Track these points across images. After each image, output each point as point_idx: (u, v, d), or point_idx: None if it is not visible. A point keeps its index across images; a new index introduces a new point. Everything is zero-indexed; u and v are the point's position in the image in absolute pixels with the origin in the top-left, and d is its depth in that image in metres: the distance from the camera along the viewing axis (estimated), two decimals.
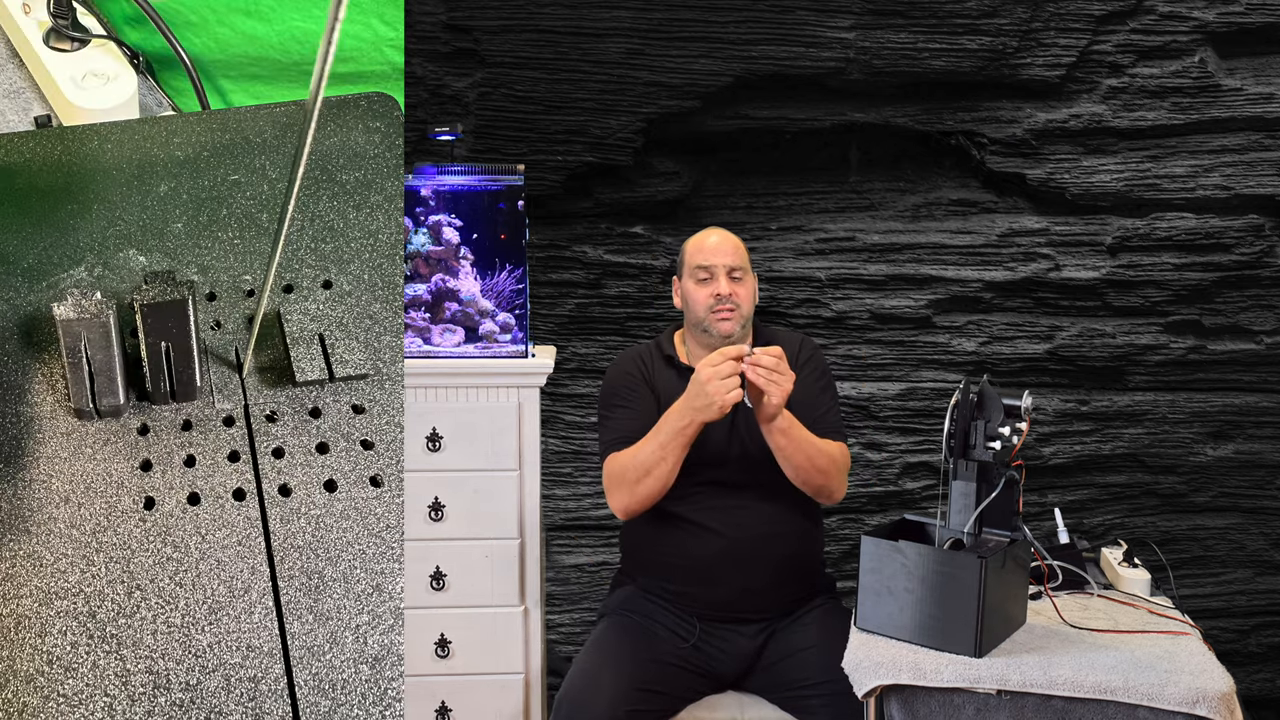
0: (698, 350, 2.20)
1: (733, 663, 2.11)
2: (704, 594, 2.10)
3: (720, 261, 2.14)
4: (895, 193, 3.08)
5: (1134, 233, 2.98)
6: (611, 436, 2.15)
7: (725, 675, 2.12)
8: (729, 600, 2.10)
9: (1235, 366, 3.06)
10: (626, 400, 2.17)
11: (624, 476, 2.07)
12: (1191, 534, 3.12)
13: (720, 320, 2.13)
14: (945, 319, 3.03)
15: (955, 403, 1.85)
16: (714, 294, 2.13)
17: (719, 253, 2.15)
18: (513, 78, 2.86)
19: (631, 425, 2.13)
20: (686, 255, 2.19)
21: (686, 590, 2.12)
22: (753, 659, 2.11)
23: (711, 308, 2.13)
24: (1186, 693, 1.61)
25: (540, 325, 2.99)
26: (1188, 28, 2.91)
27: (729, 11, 2.84)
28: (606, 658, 2.04)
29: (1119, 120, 2.94)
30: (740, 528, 2.09)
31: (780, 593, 2.13)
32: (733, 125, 2.96)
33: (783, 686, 2.06)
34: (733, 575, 2.09)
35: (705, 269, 2.14)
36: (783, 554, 2.12)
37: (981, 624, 1.71)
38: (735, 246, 2.18)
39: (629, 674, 1.99)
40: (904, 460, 3.06)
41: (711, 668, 2.10)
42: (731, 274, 2.14)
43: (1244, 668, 3.14)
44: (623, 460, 2.09)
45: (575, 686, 1.99)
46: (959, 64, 2.90)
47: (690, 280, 2.17)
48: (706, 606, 2.11)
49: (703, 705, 2.09)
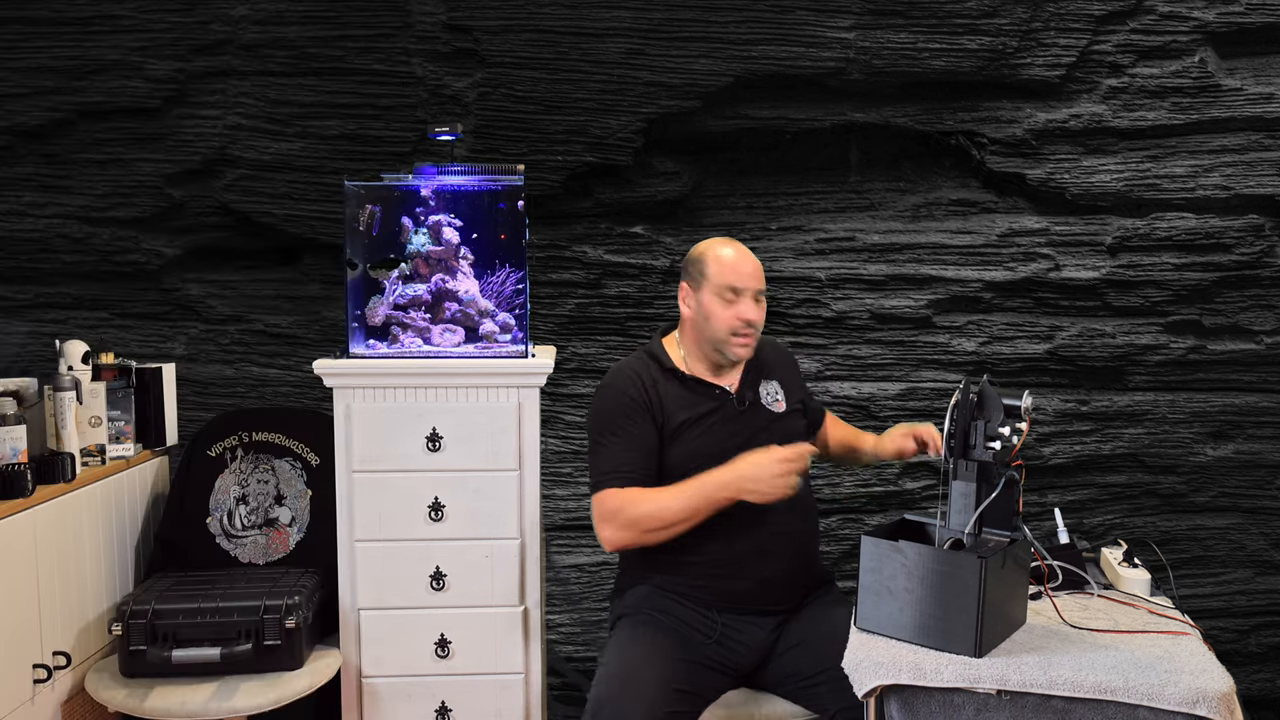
0: (699, 360, 2.20)
1: (750, 655, 2.12)
2: (727, 586, 2.11)
3: (752, 286, 2.14)
4: (895, 193, 3.08)
5: (1134, 233, 2.98)
6: (608, 468, 2.09)
7: (743, 668, 2.13)
8: (749, 592, 2.11)
9: (1235, 366, 3.06)
10: (623, 429, 2.11)
11: (634, 521, 2.04)
12: (1191, 534, 3.12)
13: (740, 345, 2.14)
14: (945, 319, 3.03)
15: (955, 403, 1.86)
16: (740, 318, 2.12)
17: (752, 277, 2.14)
18: (513, 78, 2.86)
19: (628, 459, 2.08)
20: (710, 270, 2.14)
21: (708, 584, 2.11)
22: (767, 650, 2.13)
23: (736, 331, 2.12)
24: (1186, 693, 1.61)
25: (540, 325, 2.99)
26: (1188, 28, 2.91)
27: (729, 11, 2.84)
28: (641, 659, 2.02)
29: (1119, 120, 2.94)
30: (757, 523, 2.09)
31: (794, 584, 2.16)
32: (733, 125, 2.96)
33: (793, 676, 2.08)
34: (754, 568, 2.10)
35: (735, 291, 2.12)
36: (796, 546, 2.16)
37: (981, 624, 1.71)
38: (759, 268, 2.17)
39: (665, 675, 1.99)
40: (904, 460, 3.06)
41: (732, 661, 2.11)
42: (756, 297, 2.15)
43: (1244, 668, 3.14)
44: (638, 503, 2.04)
45: (613, 690, 1.95)
46: (959, 64, 2.90)
47: (714, 298, 2.13)
48: (728, 599, 2.11)
49: (720, 704, 2.10)
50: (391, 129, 2.88)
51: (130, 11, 2.82)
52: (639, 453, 2.09)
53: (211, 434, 2.57)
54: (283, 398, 3.00)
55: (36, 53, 2.81)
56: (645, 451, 2.10)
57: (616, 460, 2.09)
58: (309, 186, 2.90)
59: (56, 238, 2.89)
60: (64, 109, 2.83)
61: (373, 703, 2.40)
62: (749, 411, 2.17)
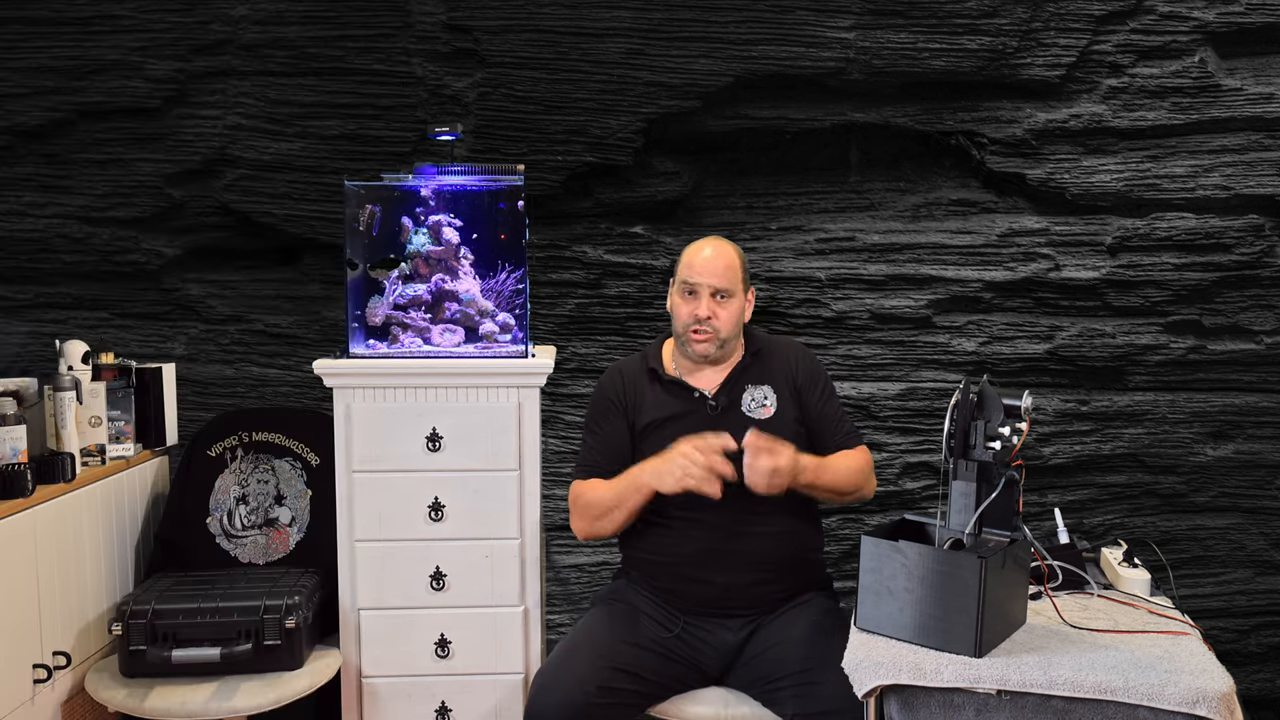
0: (683, 361, 2.22)
1: (717, 655, 2.12)
2: (687, 590, 2.13)
3: (705, 281, 2.13)
4: (895, 193, 3.08)
5: (1134, 233, 2.98)
6: (581, 461, 2.25)
7: (709, 668, 2.13)
8: (711, 597, 2.12)
9: (1235, 366, 3.06)
10: (599, 426, 2.24)
11: (586, 509, 2.17)
12: (1191, 534, 3.12)
13: (695, 341, 2.15)
14: (945, 319, 3.03)
15: (955, 403, 1.86)
16: (694, 313, 2.13)
17: (706, 272, 2.14)
18: (513, 78, 2.86)
19: (597, 457, 2.22)
20: (679, 266, 2.20)
21: (670, 587, 2.14)
22: (736, 653, 2.12)
23: (690, 326, 2.14)
24: (1186, 693, 1.61)
25: (540, 325, 2.99)
26: (1188, 28, 2.91)
27: (729, 11, 2.84)
28: (586, 637, 2.10)
29: (1119, 120, 2.94)
30: (721, 528, 2.10)
31: (765, 590, 2.14)
32: (733, 125, 2.96)
33: (760, 680, 2.07)
34: (714, 573, 2.11)
35: (690, 285, 2.15)
36: (767, 552, 2.13)
37: (981, 624, 1.71)
38: (727, 265, 2.15)
39: (606, 654, 2.03)
40: (904, 460, 3.06)
41: (695, 660, 2.12)
42: (716, 294, 2.14)
43: (1244, 668, 3.14)
44: (586, 493, 2.18)
45: (553, 661, 2.04)
46: (959, 64, 2.89)
47: (676, 293, 2.19)
48: (690, 602, 2.13)
49: (688, 698, 2.11)
50: (391, 129, 2.88)
51: (130, 11, 2.82)
52: (605, 449, 2.21)
53: (211, 434, 2.57)
54: (283, 398, 3.00)
55: (36, 53, 2.81)
56: (612, 448, 2.20)
57: (586, 455, 2.25)
58: (309, 186, 2.90)
59: (56, 238, 2.89)
60: (64, 109, 2.83)
61: (373, 703, 2.40)
62: (722, 415, 2.16)
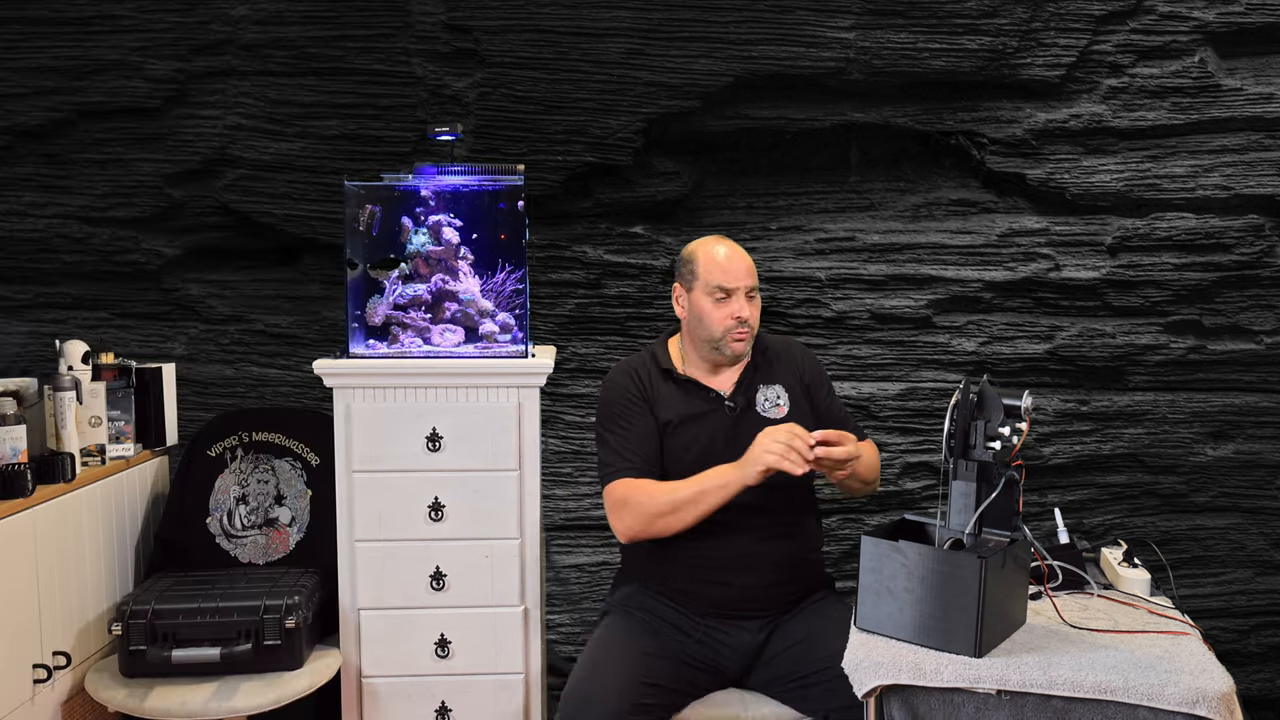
0: (698, 362, 2.21)
1: (736, 658, 2.12)
2: (710, 593, 2.12)
3: (742, 284, 2.15)
4: (895, 193, 3.08)
5: (1134, 233, 2.98)
6: (615, 459, 2.15)
7: (729, 670, 2.13)
8: (734, 599, 2.11)
9: (1235, 366, 3.06)
10: (626, 421, 2.16)
11: (643, 508, 2.07)
12: (1191, 534, 3.12)
13: (736, 341, 2.16)
14: (945, 319, 3.03)
15: (955, 403, 1.85)
16: (733, 315, 2.14)
17: (740, 274, 2.16)
18: (513, 78, 2.86)
19: (631, 448, 2.14)
20: (700, 270, 2.17)
21: (692, 589, 2.13)
22: (756, 654, 2.12)
23: (731, 329, 2.14)
24: (1186, 693, 1.61)
25: (540, 325, 2.99)
26: (1188, 28, 2.91)
27: (729, 11, 2.84)
28: (612, 653, 2.05)
29: (1119, 120, 2.94)
30: (746, 529, 2.10)
31: (783, 590, 2.15)
32: (733, 125, 2.96)
33: (783, 679, 2.08)
34: (739, 575, 2.10)
35: (725, 290, 2.14)
36: (787, 553, 2.15)
37: (981, 624, 1.71)
38: (750, 266, 2.19)
39: (634, 668, 2.00)
40: (904, 460, 3.06)
41: (716, 663, 2.11)
42: (749, 294, 2.16)
43: (1244, 668, 3.14)
44: (636, 493, 2.09)
45: (581, 680, 1.99)
46: (959, 64, 2.89)
47: (706, 298, 2.16)
48: (712, 605, 2.12)
49: (707, 702, 2.10)
50: (391, 129, 2.88)
51: (130, 11, 2.82)
52: (640, 443, 2.14)
53: (211, 434, 2.57)
54: (283, 398, 3.00)
55: (36, 53, 2.81)
56: (647, 439, 2.14)
57: (620, 451, 2.14)
58: (309, 186, 2.90)
59: (56, 238, 2.89)
60: (64, 109, 2.83)
61: (373, 703, 2.39)
62: (740, 416, 2.17)
